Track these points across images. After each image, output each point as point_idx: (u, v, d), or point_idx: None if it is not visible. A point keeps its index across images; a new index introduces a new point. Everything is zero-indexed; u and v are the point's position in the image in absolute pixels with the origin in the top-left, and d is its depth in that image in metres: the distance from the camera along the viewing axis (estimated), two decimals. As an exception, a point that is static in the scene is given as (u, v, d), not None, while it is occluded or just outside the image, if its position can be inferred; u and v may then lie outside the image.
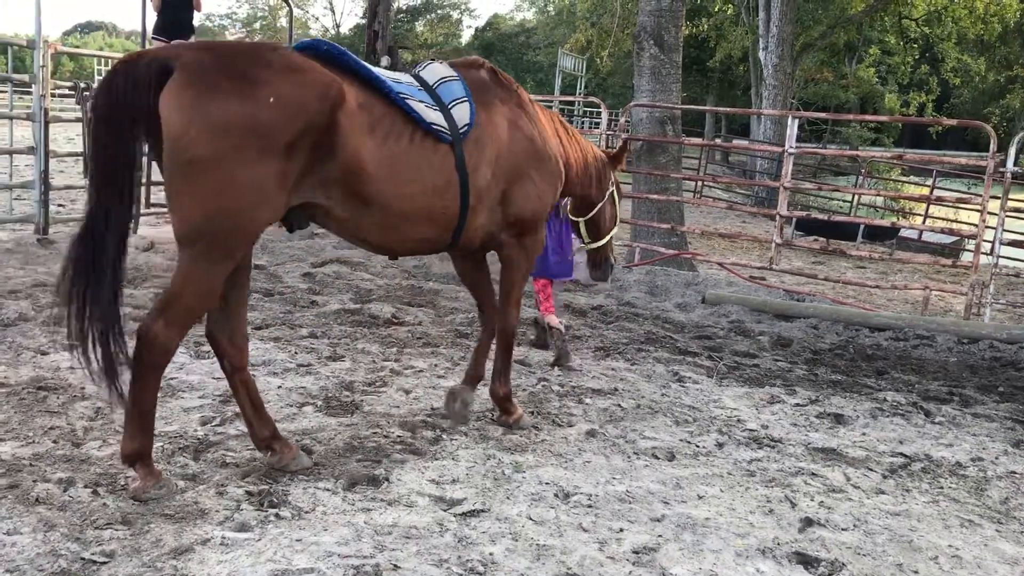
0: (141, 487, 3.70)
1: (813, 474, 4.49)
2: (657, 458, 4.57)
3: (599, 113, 11.68)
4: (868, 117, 28.37)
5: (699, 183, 21.15)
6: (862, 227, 15.60)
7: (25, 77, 9.73)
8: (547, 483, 4.10)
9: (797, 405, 5.69)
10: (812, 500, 4.16)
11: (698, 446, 4.80)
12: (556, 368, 6.10)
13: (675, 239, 10.73)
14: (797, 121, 9.82)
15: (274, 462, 4.07)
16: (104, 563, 3.18)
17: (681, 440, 4.87)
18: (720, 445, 4.85)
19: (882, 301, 10.73)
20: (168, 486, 3.75)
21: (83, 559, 3.19)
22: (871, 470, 4.63)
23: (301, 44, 4.08)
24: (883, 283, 10.64)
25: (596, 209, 5.54)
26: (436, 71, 4.54)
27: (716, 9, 35.98)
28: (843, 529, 3.88)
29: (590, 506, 3.90)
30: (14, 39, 11.51)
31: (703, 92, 47.65)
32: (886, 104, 38.28)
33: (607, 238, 5.72)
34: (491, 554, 3.41)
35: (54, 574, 3.09)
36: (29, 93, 9.99)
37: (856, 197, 20.18)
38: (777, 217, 9.78)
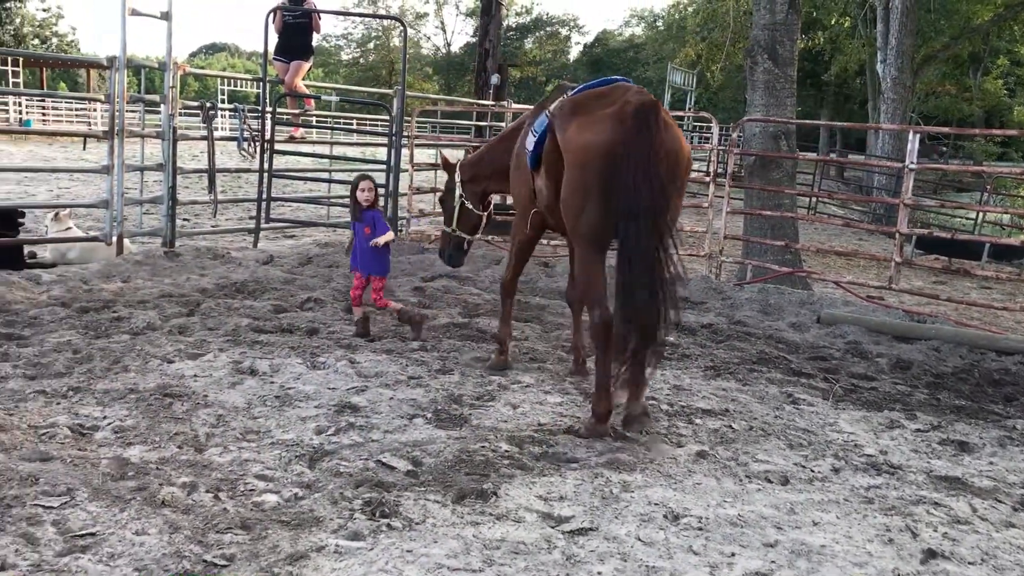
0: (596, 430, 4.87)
1: (936, 503, 4.30)
2: (770, 482, 4.46)
3: (710, 128, 11.52)
4: (995, 131, 27.11)
5: (813, 199, 20.63)
6: (988, 245, 14.91)
7: (156, 97, 10.23)
8: (656, 504, 4.05)
9: (918, 431, 5.46)
10: (935, 531, 3.98)
11: (813, 471, 4.66)
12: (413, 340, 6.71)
13: (789, 256, 10.49)
14: (919, 136, 9.47)
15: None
16: (225, 566, 3.30)
17: (795, 464, 4.73)
18: (836, 470, 4.69)
19: (1009, 323, 10.23)
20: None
21: (205, 561, 3.32)
22: (1000, 501, 4.41)
23: None
24: (1011, 304, 10.13)
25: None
26: None
27: (832, 22, 35.12)
28: (970, 563, 3.70)
29: (700, 529, 3.83)
30: (147, 61, 12.11)
31: (817, 106, 46.57)
32: (1015, 117, 36.58)
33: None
34: (599, 573, 3.39)
35: (178, 575, 3.22)
36: (158, 112, 10.50)
37: (981, 214, 19.32)
38: (897, 235, 9.45)
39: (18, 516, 3.52)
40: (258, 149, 10.80)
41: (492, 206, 7.04)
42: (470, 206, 6.77)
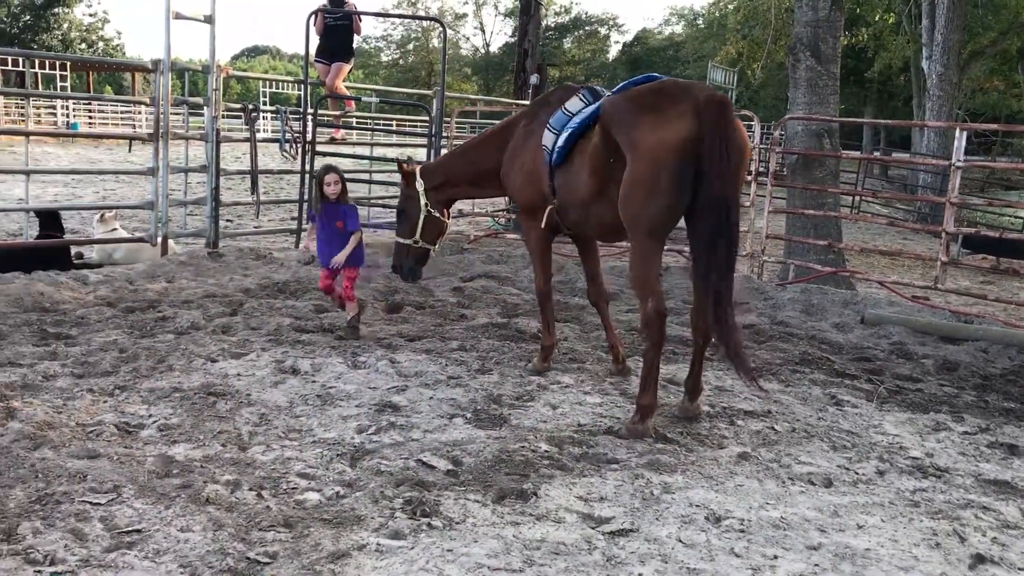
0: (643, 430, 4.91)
1: (984, 508, 4.21)
2: (813, 484, 4.40)
3: (751, 126, 11.43)
4: (1044, 128, 26.62)
5: (857, 198, 20.37)
6: (1037, 245, 14.59)
7: (199, 99, 10.36)
8: (697, 505, 4.02)
9: (965, 433, 5.36)
10: (984, 536, 3.91)
11: (857, 473, 4.60)
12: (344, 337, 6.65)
13: (832, 256, 10.35)
14: (965, 134, 9.30)
15: None
16: (267, 563, 3.33)
17: (839, 466, 4.67)
18: (881, 473, 4.62)
19: (1060, 324, 10.00)
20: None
21: (248, 559, 3.35)
22: (1051, 506, 4.31)
23: None
24: (1062, 305, 9.91)
25: None
26: None
27: (876, 18, 34.62)
28: (1020, 569, 3.62)
29: (742, 531, 3.80)
30: (190, 64, 12.28)
31: (860, 104, 45.95)
32: (1065, 113, 35.81)
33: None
34: (640, 575, 3.37)
35: (222, 571, 3.26)
36: (202, 114, 10.64)
37: (1030, 213, 18.92)
38: (943, 234, 9.29)
39: (67, 512, 3.59)
40: (299, 150, 10.90)
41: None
42: (436, 214, 6.50)
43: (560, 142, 5.55)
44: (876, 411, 5.71)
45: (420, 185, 6.44)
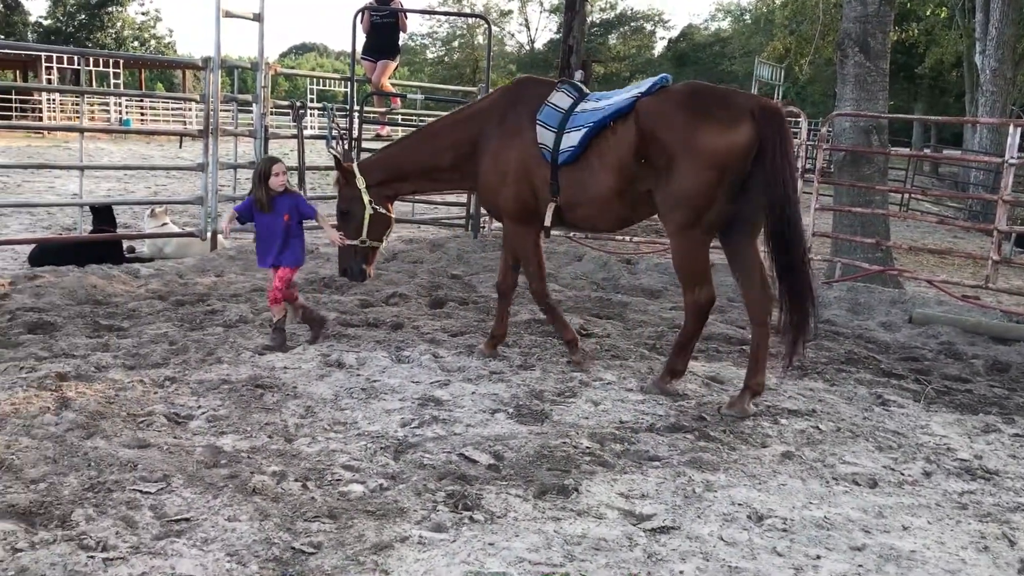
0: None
1: (1035, 511, 4.15)
2: (858, 484, 4.36)
3: (798, 123, 11.30)
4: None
5: (906, 196, 20.04)
6: (1093, 244, 14.25)
7: (248, 96, 10.51)
8: (740, 504, 4.01)
9: (1016, 435, 5.27)
10: (1033, 539, 3.84)
11: (903, 474, 4.54)
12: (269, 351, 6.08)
13: (879, 255, 10.20)
14: (1020, 130, 9.11)
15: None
16: (312, 554, 3.39)
17: (884, 467, 4.62)
18: (927, 474, 4.56)
19: (1117, 326, 9.75)
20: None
21: (293, 548, 3.41)
22: (1103, 511, 4.22)
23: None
24: (1118, 306, 9.67)
25: None
26: None
27: (927, 13, 34.00)
28: (1070, 573, 3.56)
29: (785, 530, 3.78)
30: (240, 62, 12.46)
31: (910, 100, 45.17)
32: (1124, 109, 34.83)
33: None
34: (681, 572, 3.37)
35: (268, 560, 3.32)
36: (251, 111, 10.79)
37: (1087, 211, 18.45)
38: (995, 232, 9.11)
39: (118, 500, 3.68)
40: (346, 147, 11.00)
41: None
42: (382, 211, 6.21)
43: (575, 140, 5.55)
44: (923, 412, 5.63)
45: (361, 183, 6.13)
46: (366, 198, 6.13)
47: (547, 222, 5.85)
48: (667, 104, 5.37)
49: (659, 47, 69.84)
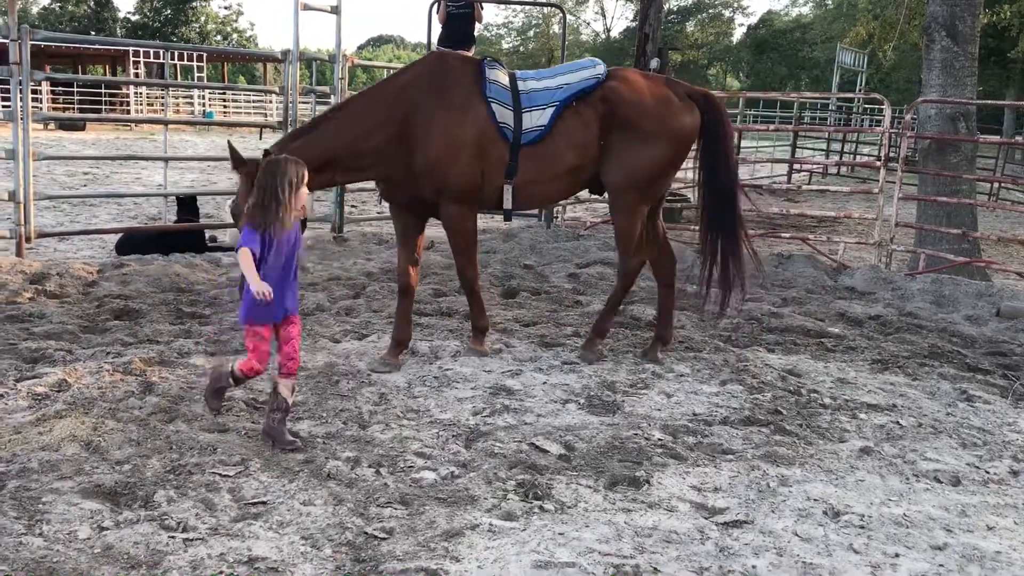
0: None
1: None
2: (940, 482, 4.23)
3: (881, 111, 10.99)
4: None
5: (996, 185, 19.34)
6: None
7: (326, 88, 10.66)
8: (815, 499, 3.93)
9: (1110, 435, 5.05)
10: None
11: (988, 472, 4.39)
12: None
13: (966, 246, 9.87)
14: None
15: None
16: (384, 539, 3.44)
17: (968, 464, 4.47)
18: (1015, 473, 4.40)
19: None
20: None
21: (366, 534, 3.47)
22: None
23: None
24: None
25: None
26: None
27: (1021, -6, 32.72)
28: None
29: (862, 527, 3.69)
30: (318, 54, 12.64)
31: (1002, 86, 43.54)
32: None
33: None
34: (754, 567, 3.32)
35: (341, 544, 3.38)
36: (329, 103, 10.95)
37: None
38: (1090, 223, 8.75)
39: (198, 483, 3.79)
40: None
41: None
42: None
43: (544, 120, 5.62)
44: (1011, 408, 5.43)
45: None
46: None
47: (507, 204, 5.77)
48: (634, 87, 5.82)
49: (738, 34, 68.70)
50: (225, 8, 67.78)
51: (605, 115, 5.70)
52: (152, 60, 38.41)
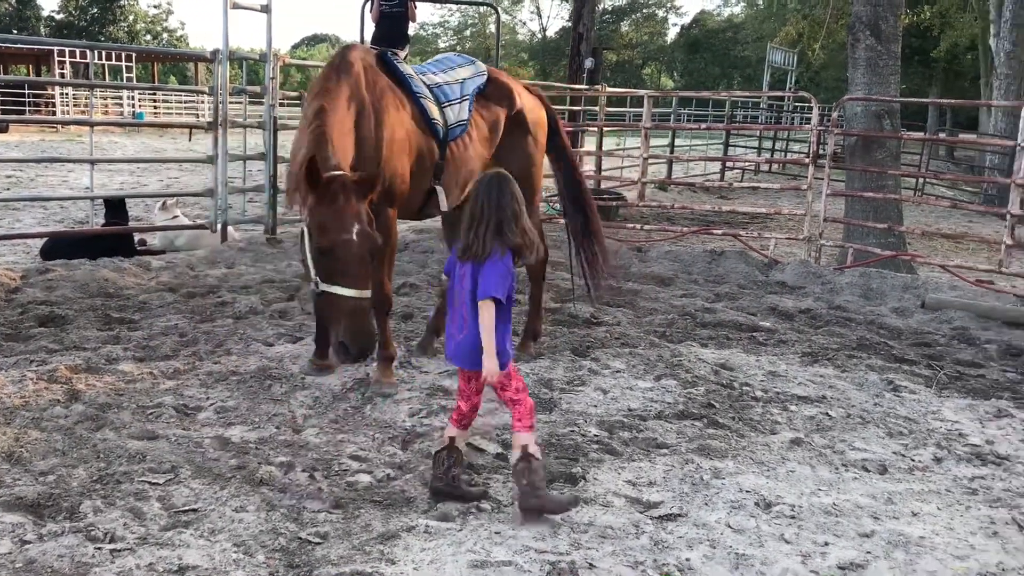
0: None
1: (1046, 497, 4.11)
2: (868, 471, 4.34)
3: (810, 108, 11.21)
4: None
5: (920, 180, 19.89)
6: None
7: (257, 88, 10.51)
8: (748, 491, 3.99)
9: (1029, 421, 5.23)
10: (1044, 525, 3.81)
11: (913, 460, 4.52)
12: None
13: (892, 239, 10.13)
14: (1033, 112, 9.00)
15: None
16: (318, 543, 3.40)
17: (895, 453, 4.59)
18: (938, 460, 4.54)
19: None
20: None
21: (300, 539, 3.43)
22: (1116, 496, 4.19)
23: None
24: None
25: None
26: None
27: (941, -5, 33.69)
28: (1081, 559, 3.53)
29: (793, 517, 3.76)
30: (249, 54, 12.46)
31: (926, 84, 44.78)
32: None
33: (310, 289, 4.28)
34: (687, 560, 3.36)
35: (274, 550, 3.34)
36: (261, 103, 10.80)
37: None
38: (1008, 216, 9.03)
39: (127, 491, 3.70)
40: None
41: None
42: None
43: (464, 114, 5.62)
44: (935, 397, 5.59)
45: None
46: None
47: (444, 206, 5.50)
48: (514, 83, 6.16)
49: (671, 34, 69.52)
50: (154, 7, 66.39)
51: (507, 110, 5.92)
52: (79, 60, 37.43)
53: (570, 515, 3.68)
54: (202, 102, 36.62)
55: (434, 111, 5.48)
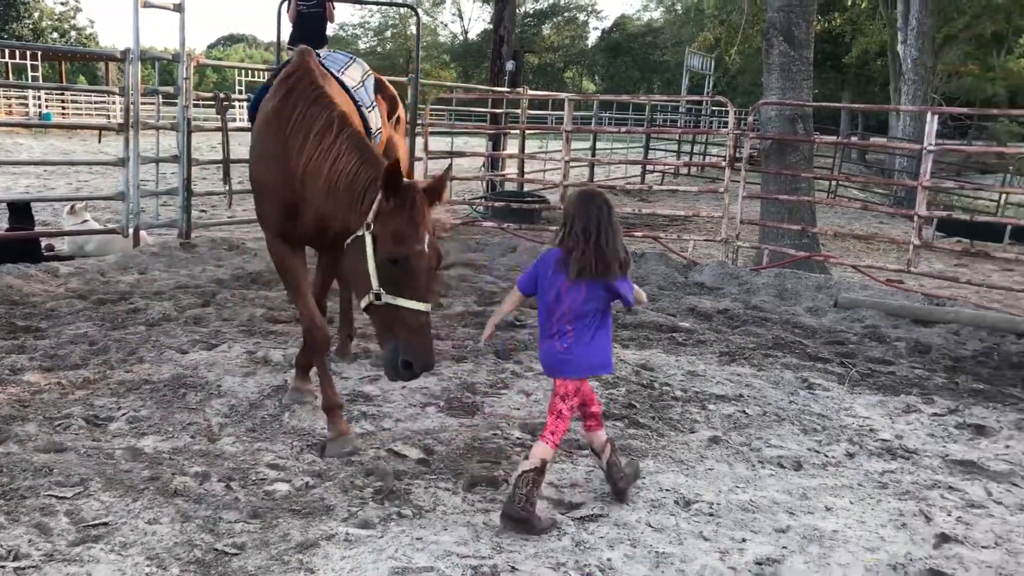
0: None
1: (951, 488, 4.26)
2: (783, 467, 4.43)
3: (727, 112, 11.43)
4: (1017, 111, 26.73)
5: (833, 182, 20.46)
6: (1009, 228, 14.72)
7: (170, 89, 10.26)
8: (667, 490, 4.04)
9: (935, 415, 5.41)
10: (949, 515, 3.95)
11: (827, 456, 4.63)
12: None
13: (806, 240, 10.39)
14: (937, 118, 9.34)
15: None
16: (235, 554, 3.32)
17: (809, 449, 4.70)
18: (850, 455, 4.66)
19: (1031, 306, 10.09)
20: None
21: (216, 550, 3.34)
22: (1015, 485, 4.36)
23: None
24: (1033, 287, 10.00)
25: (346, 243, 4.11)
26: None
27: (850, 3, 34.73)
28: (983, 547, 3.66)
29: (711, 514, 3.82)
30: (162, 54, 12.16)
31: (838, 88, 46.11)
32: (1039, 97, 36.03)
33: (363, 301, 4.00)
34: (609, 560, 3.38)
35: (189, 563, 3.25)
36: (174, 104, 10.53)
37: (1004, 196, 19.08)
38: (915, 217, 9.35)
39: (32, 507, 3.56)
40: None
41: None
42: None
43: (379, 121, 5.66)
44: (848, 394, 5.75)
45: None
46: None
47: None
48: (383, 78, 6.24)
49: (592, 37, 70.21)
50: (62, 4, 64.23)
51: (388, 109, 6.01)
52: (-19, 58, 35.99)
53: (491, 518, 3.67)
54: (113, 103, 35.58)
55: (374, 121, 5.46)
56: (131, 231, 9.35)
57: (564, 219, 3.81)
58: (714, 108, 30.73)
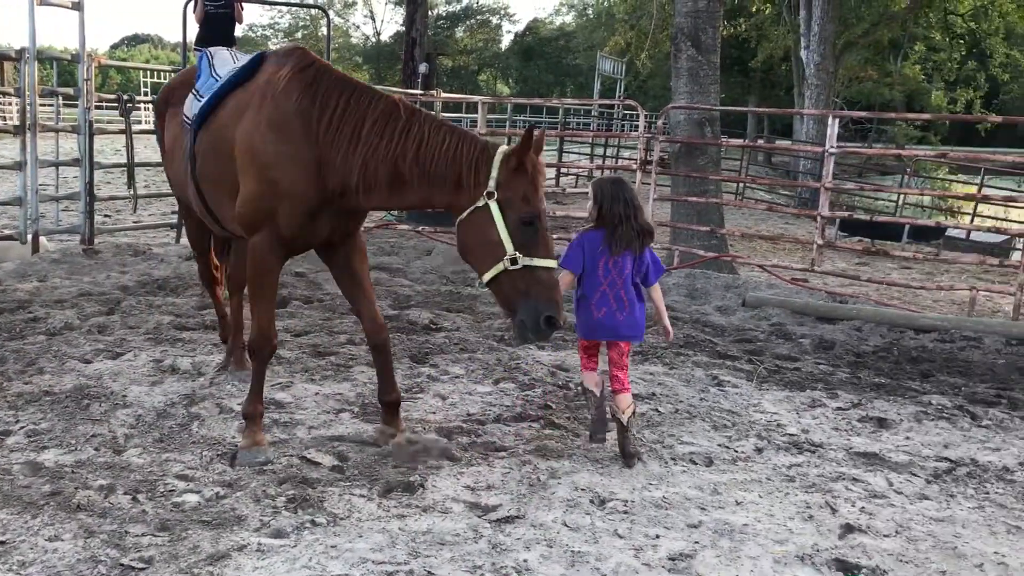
0: None
1: (854, 479, 4.41)
2: (695, 463, 4.52)
3: (638, 116, 11.60)
4: (913, 116, 27.80)
5: (740, 184, 20.96)
6: (907, 227, 15.32)
7: (70, 90, 9.92)
8: (583, 489, 4.08)
9: (839, 409, 5.59)
10: (853, 506, 4.09)
11: (737, 451, 4.74)
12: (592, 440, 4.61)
13: (715, 241, 10.62)
14: (838, 121, 9.67)
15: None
16: (142, 569, 3.23)
17: (719, 445, 4.81)
18: (759, 450, 4.78)
19: (928, 302, 10.51)
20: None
21: (122, 565, 3.24)
22: (914, 475, 4.54)
23: None
24: (929, 284, 10.43)
25: (460, 220, 4.14)
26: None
27: (755, 9, 35.65)
28: (885, 536, 3.80)
29: (626, 512, 3.87)
30: (61, 53, 11.75)
31: (745, 93, 47.25)
32: (932, 101, 37.56)
33: (492, 271, 4.00)
34: (525, 560, 3.40)
35: (93, 580, 3.14)
36: (75, 106, 10.19)
37: (901, 197, 19.85)
38: (819, 218, 9.65)
39: (-77, 527, 3.39)
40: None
41: None
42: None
43: None
44: (756, 391, 5.89)
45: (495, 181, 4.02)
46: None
47: None
48: None
49: (506, 40, 70.44)
50: (-46, 1, 61.57)
51: None
52: None
53: (408, 524, 3.65)
54: (8, 104, 34.21)
55: None
56: (29, 237, 9.01)
57: (598, 202, 4.49)
58: (625, 112, 31.17)
